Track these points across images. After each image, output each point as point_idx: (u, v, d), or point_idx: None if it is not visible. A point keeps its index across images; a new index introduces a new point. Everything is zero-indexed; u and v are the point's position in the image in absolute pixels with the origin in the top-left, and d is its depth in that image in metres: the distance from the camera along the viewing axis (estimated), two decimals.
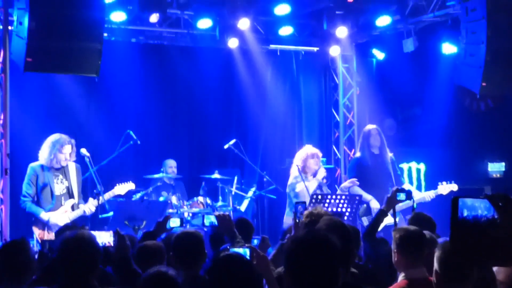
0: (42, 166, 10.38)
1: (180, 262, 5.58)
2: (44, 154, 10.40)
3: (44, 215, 10.16)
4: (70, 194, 10.47)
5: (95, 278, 4.86)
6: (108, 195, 10.75)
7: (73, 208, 10.41)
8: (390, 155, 11.96)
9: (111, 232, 5.76)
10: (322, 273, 3.54)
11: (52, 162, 10.37)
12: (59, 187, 10.40)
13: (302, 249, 3.58)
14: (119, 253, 5.58)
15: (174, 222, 7.43)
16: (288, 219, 10.55)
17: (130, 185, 11.11)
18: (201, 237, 5.85)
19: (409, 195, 7.18)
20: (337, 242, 3.68)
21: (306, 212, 5.99)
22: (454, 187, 11.83)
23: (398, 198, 7.09)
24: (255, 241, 7.53)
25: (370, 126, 12.34)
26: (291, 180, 11.66)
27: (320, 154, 11.95)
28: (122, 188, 10.96)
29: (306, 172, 11.60)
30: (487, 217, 2.86)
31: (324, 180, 11.61)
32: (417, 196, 11.23)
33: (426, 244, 5.54)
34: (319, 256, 3.55)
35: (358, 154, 12.30)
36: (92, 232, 5.19)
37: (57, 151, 10.34)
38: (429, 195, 11.72)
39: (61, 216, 10.17)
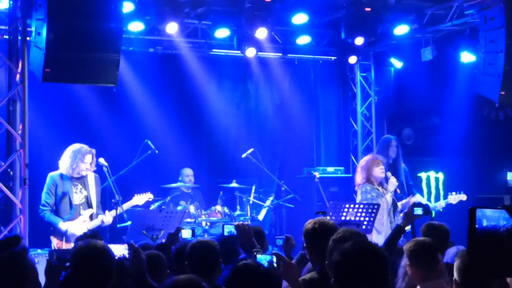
0: (61, 176, 10.39)
1: (195, 272, 5.55)
2: (65, 163, 10.42)
3: (62, 225, 10.17)
4: (88, 204, 10.48)
5: None
6: (126, 206, 10.76)
7: (91, 217, 10.41)
8: (403, 165, 11.89)
9: (126, 245, 5.73)
10: (371, 284, 3.53)
11: (73, 171, 10.38)
12: (77, 197, 10.41)
13: (350, 260, 3.56)
14: (135, 267, 5.57)
15: (186, 233, 7.43)
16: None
17: (148, 196, 11.14)
18: (216, 246, 5.83)
19: (426, 209, 7.13)
20: (384, 252, 3.66)
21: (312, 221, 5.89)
22: (463, 197, 11.86)
23: (415, 213, 7.04)
24: (280, 241, 7.52)
25: (390, 136, 12.28)
26: (363, 195, 10.73)
27: (384, 161, 10.98)
28: (140, 199, 10.98)
29: (372, 182, 10.77)
30: (506, 228, 2.83)
31: (398, 191, 10.92)
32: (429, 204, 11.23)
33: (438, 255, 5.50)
34: (367, 267, 3.54)
35: None
36: (108, 244, 5.15)
37: (79, 161, 10.36)
38: (440, 204, 11.70)
39: (80, 226, 10.18)
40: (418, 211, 7.05)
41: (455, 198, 11.86)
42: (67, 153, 10.45)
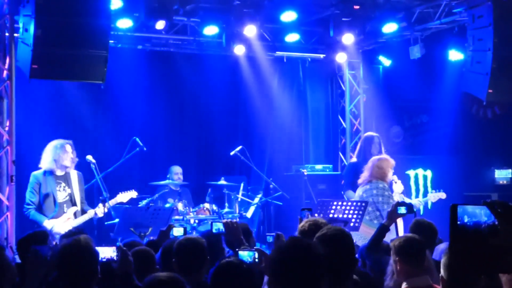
0: (44, 173, 10.29)
1: (182, 268, 5.56)
2: (47, 158, 10.30)
3: (47, 223, 10.10)
4: (72, 202, 10.39)
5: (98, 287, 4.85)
6: (110, 203, 10.74)
7: (75, 215, 10.37)
8: None
9: (114, 248, 5.73)
10: (304, 282, 3.54)
11: (57, 164, 10.28)
12: (61, 195, 10.33)
13: (285, 257, 3.58)
14: (122, 269, 5.57)
15: (178, 231, 7.42)
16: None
17: (132, 193, 11.04)
18: (203, 243, 5.83)
19: (410, 208, 7.16)
20: (321, 250, 3.68)
21: (306, 220, 5.94)
22: (442, 195, 11.93)
23: (399, 212, 7.07)
24: (270, 238, 7.52)
25: (373, 134, 12.30)
26: (378, 192, 10.53)
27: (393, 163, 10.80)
28: (124, 196, 10.91)
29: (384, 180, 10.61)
30: (487, 224, 2.84)
31: (403, 196, 10.89)
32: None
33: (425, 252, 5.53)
34: (301, 264, 3.54)
35: (354, 159, 12.26)
36: (96, 246, 5.14)
37: (60, 152, 10.27)
38: (419, 201, 11.74)
39: (64, 224, 10.12)
40: (402, 210, 7.09)
41: (434, 196, 11.96)
42: (47, 150, 10.35)
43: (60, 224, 10.12)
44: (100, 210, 10.38)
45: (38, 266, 5.43)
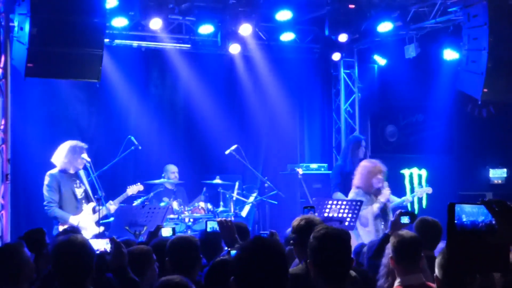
0: (60, 172, 10.45)
1: (175, 267, 5.55)
2: (63, 159, 10.46)
3: (73, 220, 10.29)
4: (88, 198, 10.64)
5: (92, 283, 4.85)
6: (122, 197, 11.14)
7: (94, 211, 10.52)
8: None
9: (107, 240, 5.72)
10: (267, 281, 3.51)
11: (71, 166, 10.46)
12: (79, 191, 10.58)
13: (247, 256, 3.57)
14: (116, 261, 5.57)
15: (167, 232, 7.41)
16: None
17: (139, 187, 11.55)
18: (196, 242, 5.82)
19: (413, 217, 7.14)
20: (283, 249, 3.67)
21: (302, 217, 5.92)
22: (428, 190, 12.15)
23: (402, 222, 7.05)
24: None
25: (360, 137, 12.45)
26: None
27: (384, 170, 10.83)
28: (133, 190, 11.40)
29: (367, 188, 10.74)
30: (485, 223, 2.84)
31: (388, 203, 10.77)
32: (396, 201, 11.29)
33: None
34: (264, 264, 3.51)
35: (339, 162, 12.38)
36: (89, 240, 5.14)
37: (78, 156, 10.45)
38: (407, 198, 11.78)
39: (87, 219, 10.38)
40: (405, 219, 7.07)
41: (420, 191, 12.18)
42: (64, 149, 10.48)
43: (84, 219, 10.38)
44: (113, 207, 10.81)
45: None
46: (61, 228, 10.28)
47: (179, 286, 4.36)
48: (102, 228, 10.29)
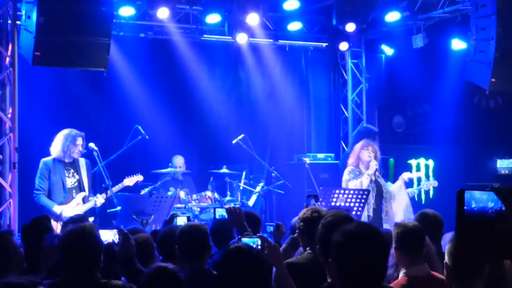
0: (54, 160, 10.44)
1: (185, 255, 5.55)
2: (56, 147, 10.45)
3: (56, 208, 10.23)
4: (81, 188, 10.57)
5: (99, 272, 4.85)
6: (117, 188, 10.90)
7: (84, 200, 10.49)
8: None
9: (115, 231, 5.72)
10: (371, 266, 3.54)
11: (65, 154, 10.43)
12: (70, 181, 10.49)
13: (352, 242, 3.57)
14: (124, 252, 5.57)
15: (182, 221, 7.41)
16: None
17: (138, 177, 11.29)
18: (206, 230, 5.81)
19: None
20: (386, 236, 3.68)
21: (308, 208, 5.92)
22: (435, 183, 12.23)
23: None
24: (271, 228, 7.52)
25: (371, 127, 12.48)
26: (344, 176, 11.04)
27: (375, 148, 11.05)
28: (130, 180, 11.14)
29: (359, 165, 10.95)
30: (494, 209, 2.83)
31: (377, 173, 10.83)
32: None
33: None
34: (369, 249, 3.54)
35: (348, 151, 12.43)
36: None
37: (70, 144, 10.42)
38: (412, 190, 11.82)
39: (73, 209, 10.27)
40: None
41: (427, 184, 12.22)
42: (58, 138, 10.49)
43: (69, 209, 10.27)
44: (99, 200, 10.48)
45: (52, 254, 5.46)
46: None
47: (169, 273, 4.38)
48: (91, 219, 10.15)
